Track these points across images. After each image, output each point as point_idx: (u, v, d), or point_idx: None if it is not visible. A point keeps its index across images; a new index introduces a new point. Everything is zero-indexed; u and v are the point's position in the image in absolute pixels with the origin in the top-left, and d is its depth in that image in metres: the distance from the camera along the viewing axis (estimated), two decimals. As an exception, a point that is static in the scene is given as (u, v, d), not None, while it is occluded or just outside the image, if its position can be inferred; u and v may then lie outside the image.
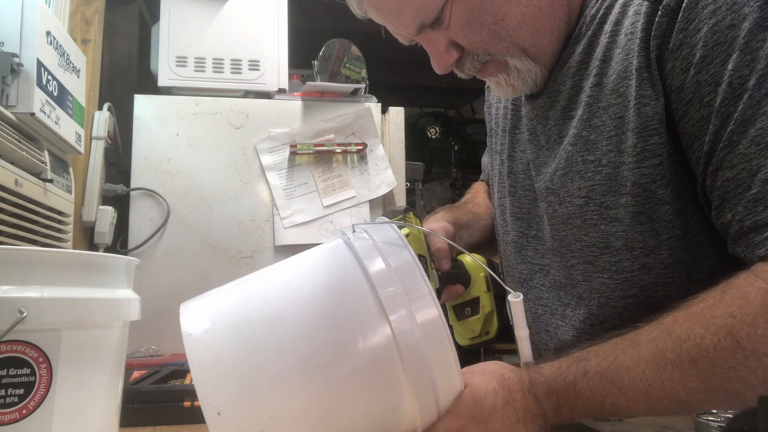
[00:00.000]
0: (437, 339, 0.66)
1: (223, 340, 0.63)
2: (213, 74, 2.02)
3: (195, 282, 1.89)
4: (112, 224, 1.86)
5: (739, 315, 0.64)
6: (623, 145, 0.79)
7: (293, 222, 1.99)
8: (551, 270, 0.95)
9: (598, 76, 0.83)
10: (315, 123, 2.05)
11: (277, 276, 0.73)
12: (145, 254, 1.87)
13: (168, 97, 2.00)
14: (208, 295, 0.71)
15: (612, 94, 0.80)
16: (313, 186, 2.02)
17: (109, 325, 0.77)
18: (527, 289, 0.99)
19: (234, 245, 1.95)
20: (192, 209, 1.94)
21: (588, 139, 0.83)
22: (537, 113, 0.95)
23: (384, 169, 2.07)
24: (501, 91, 0.92)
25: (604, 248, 0.84)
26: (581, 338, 0.88)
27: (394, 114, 2.17)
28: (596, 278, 0.86)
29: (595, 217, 0.83)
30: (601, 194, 0.82)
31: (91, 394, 0.74)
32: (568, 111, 0.88)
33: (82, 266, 0.74)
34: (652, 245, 0.79)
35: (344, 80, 2.14)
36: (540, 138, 0.95)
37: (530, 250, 0.99)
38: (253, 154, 2.01)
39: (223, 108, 2.01)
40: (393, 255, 0.69)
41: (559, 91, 0.90)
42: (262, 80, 2.05)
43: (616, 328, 0.83)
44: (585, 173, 0.84)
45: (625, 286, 0.83)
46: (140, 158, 1.93)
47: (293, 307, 0.67)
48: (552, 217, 0.91)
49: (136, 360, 1.67)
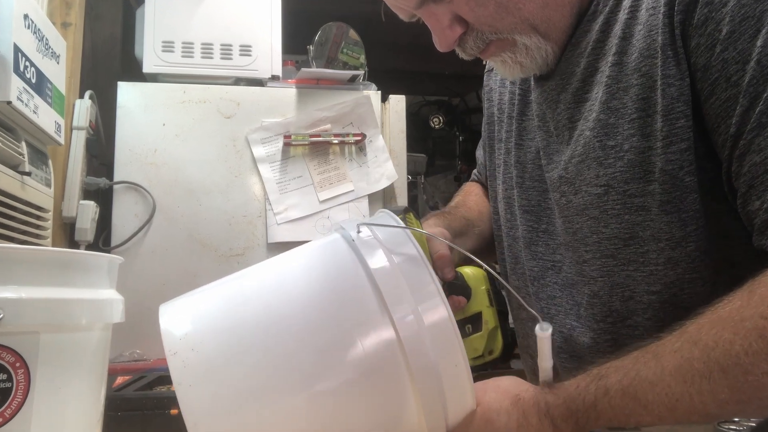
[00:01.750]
0: (447, 343, 0.65)
1: (205, 345, 0.63)
2: (201, 60, 2.02)
3: (182, 281, 1.89)
4: (94, 220, 1.86)
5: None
6: (649, 129, 0.78)
7: (287, 218, 1.99)
8: (563, 266, 0.93)
9: (618, 55, 0.81)
10: (310, 112, 2.05)
11: (268, 275, 0.73)
12: (129, 252, 1.87)
13: (153, 84, 2.00)
14: (192, 295, 0.71)
15: (634, 74, 0.79)
16: (309, 179, 2.02)
17: (90, 328, 0.77)
18: (538, 288, 0.97)
19: (224, 242, 1.95)
20: (179, 204, 1.94)
21: (607, 123, 0.82)
22: (547, 97, 0.93)
23: (384, 161, 2.07)
24: (507, 70, 0.90)
25: (628, 239, 0.82)
26: (599, 339, 0.87)
27: (394, 102, 2.17)
28: (619, 272, 0.84)
29: (617, 207, 0.82)
30: (624, 182, 0.81)
31: (72, 401, 0.74)
32: (582, 93, 0.87)
33: (62, 265, 0.73)
34: (678, 237, 0.78)
35: (342, 66, 2.14)
36: (549, 124, 0.94)
37: (541, 245, 0.97)
38: (245, 145, 2.01)
39: (212, 96, 2.01)
40: (396, 250, 0.68)
41: (572, 72, 0.88)
42: (253, 66, 2.05)
43: (638, 327, 0.83)
44: (605, 160, 0.82)
45: (650, 280, 0.81)
46: (124, 149, 1.93)
47: (285, 310, 0.66)
48: (565, 208, 0.90)
49: (119, 365, 1.67)
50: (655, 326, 0.82)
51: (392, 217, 0.75)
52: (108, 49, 2.22)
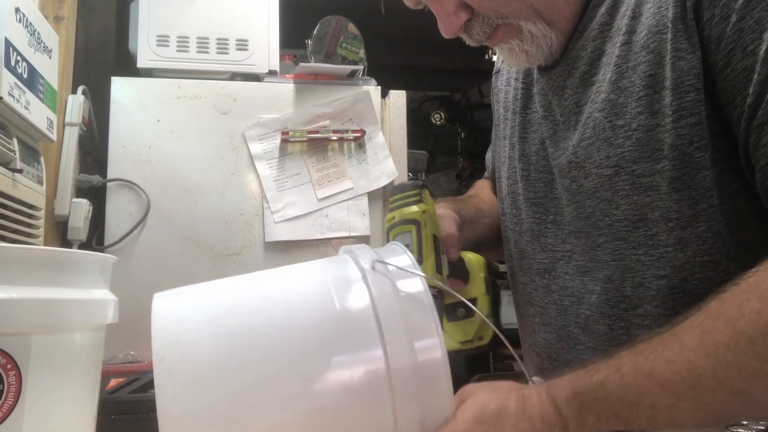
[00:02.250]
0: (436, 383, 0.65)
1: (197, 358, 0.62)
2: (197, 55, 2.02)
3: (177, 281, 1.85)
4: (87, 218, 1.86)
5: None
6: (657, 105, 0.78)
7: (285, 216, 1.98)
8: (574, 255, 0.93)
9: (627, 34, 0.82)
10: (308, 108, 2.05)
11: (273, 289, 0.72)
12: (123, 251, 1.87)
13: (148, 79, 2.00)
14: (191, 292, 0.71)
15: (642, 51, 0.80)
16: (307, 177, 2.02)
17: (83, 329, 0.77)
18: (549, 280, 0.97)
19: (220, 241, 1.95)
20: (174, 202, 1.94)
21: (616, 103, 0.82)
22: (552, 84, 0.94)
23: (384, 158, 2.07)
24: (514, 59, 0.91)
25: (638, 221, 0.82)
26: (615, 326, 0.86)
27: (395, 98, 2.16)
28: (630, 255, 0.84)
29: (627, 188, 0.82)
30: (633, 161, 0.81)
31: (64, 404, 0.74)
32: (588, 77, 0.88)
33: (54, 264, 0.73)
34: (688, 216, 0.78)
35: (340, 61, 2.14)
36: (555, 112, 0.94)
37: (550, 236, 0.97)
38: (241, 142, 2.00)
39: (208, 91, 2.01)
40: (405, 284, 0.69)
41: (579, 57, 0.89)
42: (250, 61, 2.05)
43: (647, 317, 0.82)
44: (614, 140, 0.82)
45: (659, 264, 0.81)
46: (118, 146, 1.93)
47: (284, 332, 0.65)
48: (576, 193, 0.90)
49: (113, 367, 1.67)
50: (665, 315, 0.81)
51: (405, 251, 0.75)
52: (101, 44, 2.22)
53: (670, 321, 0.69)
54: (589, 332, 0.91)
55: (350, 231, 2.01)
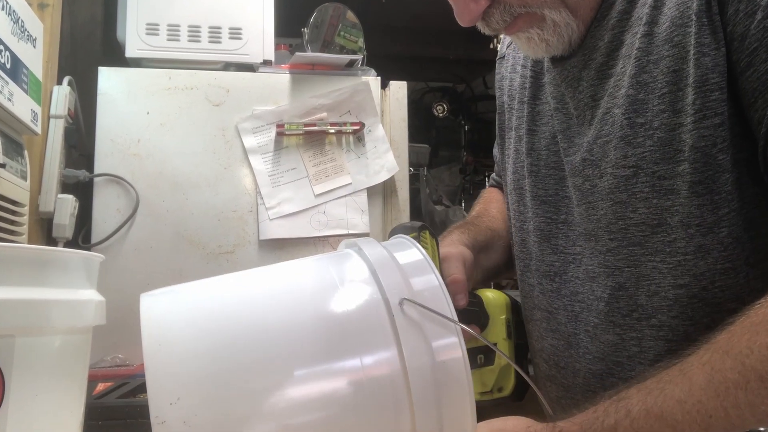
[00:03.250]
0: (456, 385, 0.64)
1: (190, 348, 0.62)
2: (188, 44, 2.01)
3: (168, 281, 1.86)
4: (73, 215, 1.86)
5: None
6: (680, 104, 0.77)
7: (280, 213, 1.98)
8: (583, 259, 0.92)
9: (648, 25, 0.81)
10: (305, 99, 2.05)
11: (274, 283, 0.72)
12: (111, 249, 1.87)
13: (137, 69, 2.00)
14: (182, 290, 0.70)
15: (665, 45, 0.78)
16: (303, 171, 2.02)
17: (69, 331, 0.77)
18: (560, 284, 0.96)
19: (213, 239, 1.95)
20: (164, 198, 1.94)
21: (636, 99, 0.81)
22: (566, 76, 0.93)
23: (384, 152, 2.07)
24: (532, 48, 0.90)
25: (656, 226, 0.81)
26: (626, 336, 0.86)
27: (395, 89, 2.16)
28: (646, 262, 0.83)
29: (646, 190, 0.81)
30: (653, 162, 0.80)
31: (49, 409, 0.74)
32: (605, 69, 0.87)
33: (38, 263, 0.73)
34: (710, 222, 0.77)
35: (338, 50, 2.13)
36: (568, 105, 0.93)
37: (561, 237, 0.96)
38: (235, 135, 2.00)
39: (199, 82, 2.01)
40: (416, 277, 0.67)
41: (596, 47, 0.88)
42: (244, 50, 2.05)
43: (662, 328, 0.82)
44: (633, 139, 0.81)
45: (677, 272, 0.80)
46: (105, 140, 1.93)
47: (287, 321, 0.65)
48: (588, 193, 0.89)
49: (100, 370, 1.67)
50: (683, 325, 0.80)
51: (411, 242, 0.73)
52: (88, 32, 2.21)
53: (688, 331, 0.69)
54: (597, 341, 0.90)
55: (349, 228, 2.01)
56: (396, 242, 0.76)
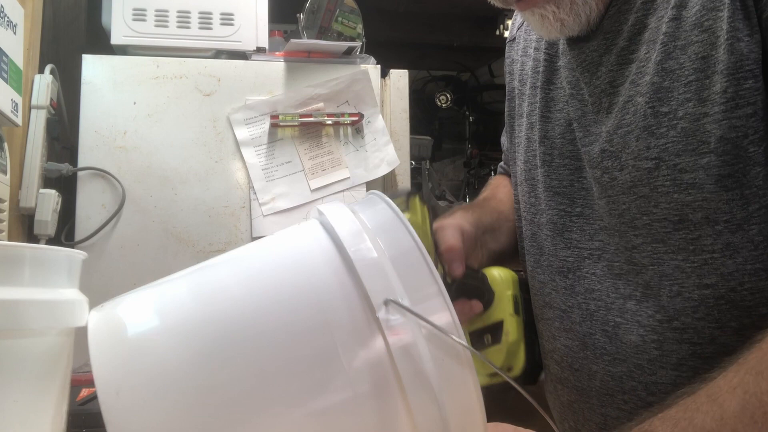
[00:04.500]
0: (450, 359, 0.62)
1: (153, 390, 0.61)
2: (177, 30, 2.01)
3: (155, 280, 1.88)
4: (55, 211, 1.85)
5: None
6: (707, 92, 0.76)
7: (274, 209, 1.98)
8: (605, 254, 0.91)
9: (677, 8, 0.79)
10: (301, 89, 2.05)
11: (223, 275, 0.70)
12: (95, 247, 1.87)
13: (123, 57, 1.99)
14: (123, 301, 0.69)
15: (694, 30, 0.77)
16: (299, 165, 2.02)
17: (49, 333, 0.76)
18: (574, 281, 0.95)
19: (203, 236, 1.95)
20: (152, 193, 1.94)
21: (661, 87, 0.80)
22: (584, 60, 0.92)
23: (384, 144, 2.06)
24: (546, 28, 0.88)
25: (678, 222, 0.80)
26: (648, 339, 0.85)
27: (396, 78, 2.16)
28: (668, 261, 0.82)
29: (667, 184, 0.80)
30: (676, 154, 0.78)
31: (28, 417, 0.73)
32: (626, 54, 0.86)
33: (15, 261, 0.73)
34: (740, 218, 0.76)
35: (336, 37, 2.13)
36: (583, 91, 0.92)
37: (576, 231, 0.95)
38: (226, 127, 2.00)
39: (189, 71, 2.00)
40: (388, 241, 0.64)
41: (618, 30, 0.87)
42: (236, 37, 2.04)
43: (687, 330, 0.80)
44: (657, 129, 0.80)
45: (703, 272, 0.79)
46: (89, 132, 1.93)
47: (245, 321, 0.63)
48: (608, 186, 0.87)
49: (84, 375, 1.66)
50: (709, 328, 0.79)
51: (384, 200, 0.71)
52: (71, 18, 2.21)
53: (714, 334, 0.68)
54: (617, 342, 0.89)
55: (347, 225, 2.01)
56: (366, 201, 0.73)
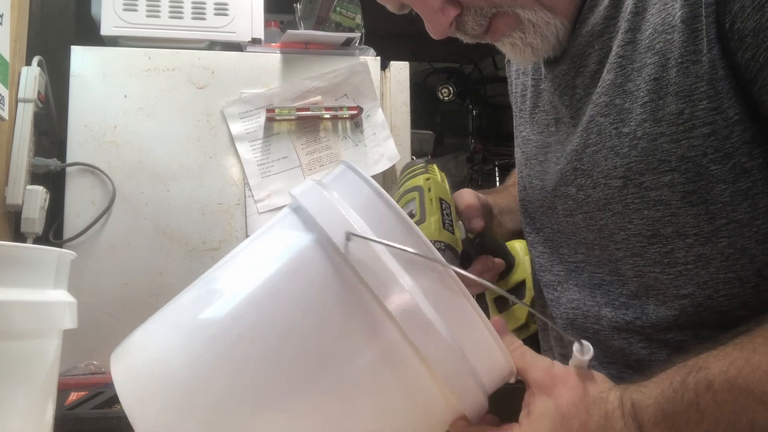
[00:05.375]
0: (454, 304, 0.65)
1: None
2: (169, 20, 2.01)
3: (147, 281, 1.88)
4: (43, 208, 1.85)
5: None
6: (661, 113, 0.79)
7: (270, 206, 1.98)
8: (587, 267, 0.95)
9: (631, 32, 0.83)
10: (297, 82, 2.04)
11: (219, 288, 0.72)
12: (84, 246, 1.87)
13: (113, 49, 1.99)
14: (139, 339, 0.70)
15: (648, 52, 0.80)
16: (296, 161, 2.02)
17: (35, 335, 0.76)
18: (561, 293, 1.00)
19: (196, 235, 1.95)
20: (143, 190, 1.94)
21: (622, 108, 0.84)
22: (559, 84, 0.95)
23: (384, 139, 2.06)
24: (518, 55, 0.92)
25: (651, 237, 0.84)
26: (632, 340, 0.88)
27: (396, 70, 2.16)
28: (648, 273, 0.86)
29: (636, 201, 0.83)
30: (639, 173, 0.82)
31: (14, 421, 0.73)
32: (598, 76, 0.89)
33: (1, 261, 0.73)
34: (707, 231, 0.79)
35: (334, 28, 2.13)
36: (562, 112, 0.96)
37: (565, 246, 1.00)
38: (220, 121, 2.00)
39: (182, 63, 2.00)
40: (366, 211, 0.68)
41: (585, 53, 0.90)
42: (230, 28, 2.04)
43: (669, 331, 0.84)
44: (620, 149, 0.84)
45: (679, 283, 0.83)
46: (79, 126, 1.92)
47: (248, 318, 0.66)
48: (584, 203, 0.91)
49: (72, 379, 1.67)
50: (692, 334, 0.83)
51: (355, 170, 0.73)
52: (60, 8, 2.21)
53: (699, 341, 0.70)
54: (603, 346, 0.92)
55: (345, 223, 2.01)
56: (338, 175, 0.76)
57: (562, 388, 0.72)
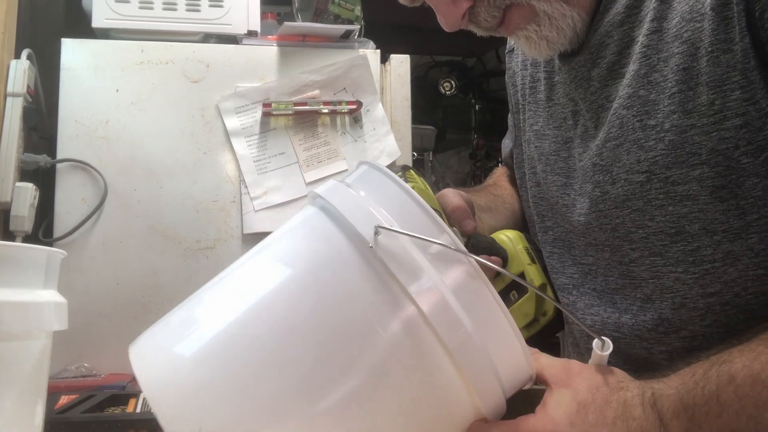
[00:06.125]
0: (480, 300, 0.66)
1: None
2: (163, 12, 2.00)
3: (140, 280, 1.88)
4: (32, 206, 1.85)
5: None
6: (691, 104, 0.78)
7: (267, 203, 1.98)
8: (599, 270, 0.95)
9: (657, 21, 0.83)
10: (295, 75, 2.04)
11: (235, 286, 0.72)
12: (75, 245, 1.87)
13: (105, 41, 1.99)
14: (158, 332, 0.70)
15: (675, 42, 0.80)
16: (293, 157, 2.01)
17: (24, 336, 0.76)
18: (577, 297, 0.99)
19: (191, 233, 1.95)
20: (136, 187, 1.93)
21: (647, 100, 0.83)
22: (575, 76, 0.95)
23: (384, 134, 2.06)
24: (533, 48, 0.92)
25: (675, 234, 0.83)
26: (654, 350, 0.88)
27: (397, 63, 2.16)
28: (668, 273, 0.85)
29: (660, 197, 0.83)
30: (666, 167, 0.82)
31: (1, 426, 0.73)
32: (618, 68, 0.89)
33: (-12, 260, 0.73)
34: (737, 227, 0.79)
35: (333, 20, 2.13)
36: (579, 106, 0.95)
37: (577, 247, 0.99)
38: (215, 116, 2.00)
39: (176, 56, 2.00)
40: (393, 208, 0.68)
41: (604, 44, 0.90)
42: (226, 20, 2.04)
43: (696, 338, 0.84)
44: (645, 142, 0.83)
45: (706, 281, 0.82)
46: (69, 121, 1.92)
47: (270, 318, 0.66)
48: (600, 201, 0.91)
49: (63, 382, 1.67)
50: (718, 333, 0.82)
51: (386, 174, 0.74)
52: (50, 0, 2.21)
53: (724, 339, 0.71)
54: (623, 356, 0.92)
55: (344, 221, 2.01)
56: (362, 175, 0.77)
57: (578, 379, 0.72)
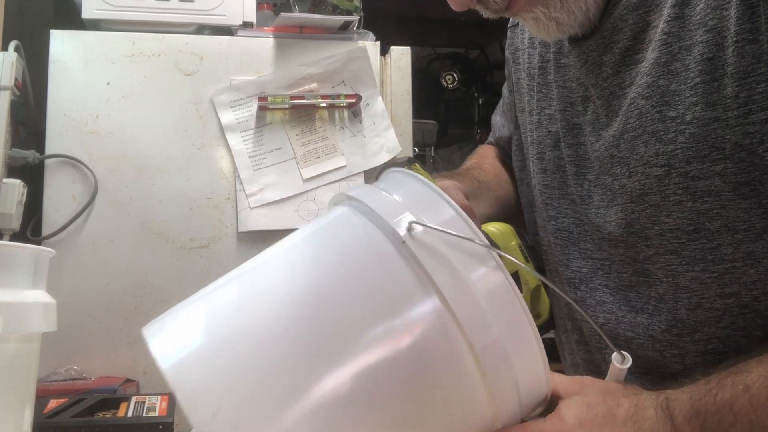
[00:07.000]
0: (511, 312, 0.67)
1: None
2: (155, 3, 2.00)
3: (131, 280, 1.88)
4: (20, 203, 1.85)
5: None
6: (715, 95, 0.77)
7: (263, 200, 1.98)
8: (613, 265, 0.94)
9: (679, 6, 0.81)
10: (291, 68, 2.04)
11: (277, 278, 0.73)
12: (64, 243, 1.87)
13: (95, 33, 1.98)
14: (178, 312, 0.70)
15: (699, 29, 0.79)
16: (290, 152, 2.01)
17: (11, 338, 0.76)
18: (586, 293, 0.99)
19: (184, 231, 1.95)
20: (127, 183, 1.93)
21: (667, 90, 0.82)
22: (586, 60, 0.94)
23: (384, 129, 2.06)
24: (542, 29, 0.91)
25: (693, 232, 0.82)
26: (666, 353, 0.88)
27: (397, 56, 2.16)
28: (684, 273, 0.85)
29: (679, 192, 0.82)
30: (686, 161, 0.81)
31: (-11, 431, 0.73)
32: (632, 54, 0.88)
33: (-26, 259, 0.73)
34: (759, 227, 0.78)
35: (331, 11, 2.12)
36: (590, 91, 0.95)
37: (589, 241, 0.99)
38: (210, 110, 2.00)
39: (169, 48, 2.00)
40: (427, 212, 0.69)
41: (617, 28, 0.89)
42: (220, 11, 2.03)
43: (711, 340, 0.83)
44: (664, 134, 0.82)
45: (725, 281, 0.82)
46: (58, 115, 1.92)
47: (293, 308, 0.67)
48: (617, 194, 0.90)
49: (52, 385, 1.67)
50: (734, 336, 0.82)
51: (417, 179, 0.76)
52: (38, -11, 2.21)
53: (741, 342, 0.71)
54: (633, 356, 0.91)
55: (343, 218, 2.01)
56: (390, 179, 0.79)
57: (590, 387, 0.74)
